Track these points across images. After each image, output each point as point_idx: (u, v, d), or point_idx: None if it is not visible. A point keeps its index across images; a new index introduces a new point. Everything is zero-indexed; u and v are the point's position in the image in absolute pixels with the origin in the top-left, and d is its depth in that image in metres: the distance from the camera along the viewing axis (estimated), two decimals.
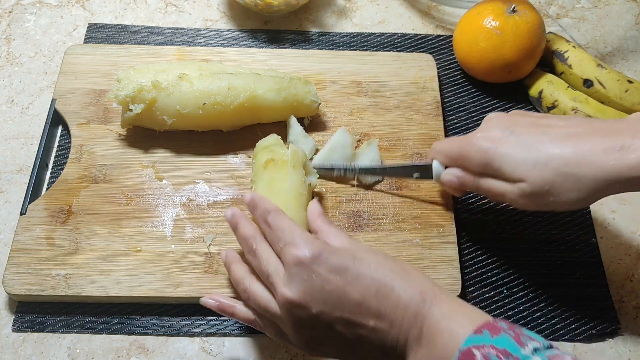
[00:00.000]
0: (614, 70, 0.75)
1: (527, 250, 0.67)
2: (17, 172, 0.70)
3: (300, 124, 0.70)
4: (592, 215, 0.70)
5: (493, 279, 0.65)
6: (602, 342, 0.63)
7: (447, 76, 0.79)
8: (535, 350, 0.42)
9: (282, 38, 0.82)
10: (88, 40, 0.80)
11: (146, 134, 0.70)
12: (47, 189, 0.68)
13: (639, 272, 0.67)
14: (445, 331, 0.46)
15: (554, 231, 0.68)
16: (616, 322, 0.63)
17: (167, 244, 0.64)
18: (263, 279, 0.53)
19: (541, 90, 0.76)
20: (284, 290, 0.49)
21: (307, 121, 0.72)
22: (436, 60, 0.79)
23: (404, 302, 0.47)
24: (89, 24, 0.82)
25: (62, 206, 0.65)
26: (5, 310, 0.62)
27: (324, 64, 0.77)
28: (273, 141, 0.65)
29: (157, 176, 0.68)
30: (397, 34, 0.83)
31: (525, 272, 0.66)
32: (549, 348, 0.43)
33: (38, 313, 0.61)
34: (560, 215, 0.69)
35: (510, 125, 0.56)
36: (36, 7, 0.85)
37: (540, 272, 0.66)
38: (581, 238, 0.68)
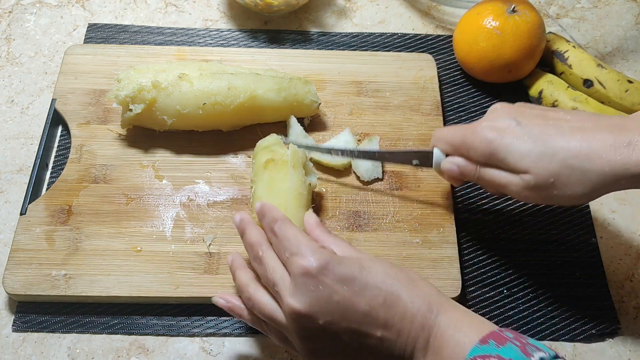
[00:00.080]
0: (614, 70, 0.75)
1: (527, 250, 0.67)
2: (17, 172, 0.70)
3: (300, 124, 0.70)
4: (592, 215, 0.70)
5: (493, 279, 0.65)
6: (602, 342, 0.63)
7: (447, 76, 0.79)
8: None
9: (282, 38, 0.82)
10: (88, 40, 0.80)
11: (146, 134, 0.70)
12: (47, 189, 0.68)
13: (639, 272, 0.67)
14: (451, 341, 0.46)
15: (554, 231, 0.68)
16: (616, 322, 0.63)
17: (167, 244, 0.64)
18: (269, 287, 0.52)
19: (541, 90, 0.76)
20: (290, 300, 0.48)
21: (307, 121, 0.72)
22: (436, 60, 0.79)
23: (411, 311, 0.47)
24: (89, 24, 0.82)
25: (62, 206, 0.65)
26: (5, 310, 0.62)
27: (324, 64, 0.77)
28: (273, 141, 0.65)
29: (157, 176, 0.68)
30: (397, 34, 0.83)
31: (525, 272, 0.66)
32: (555, 358, 0.43)
33: (38, 313, 0.61)
34: (560, 215, 0.69)
35: (516, 115, 0.55)
36: (36, 7, 0.85)
37: (540, 272, 0.66)
38: (581, 238, 0.68)
